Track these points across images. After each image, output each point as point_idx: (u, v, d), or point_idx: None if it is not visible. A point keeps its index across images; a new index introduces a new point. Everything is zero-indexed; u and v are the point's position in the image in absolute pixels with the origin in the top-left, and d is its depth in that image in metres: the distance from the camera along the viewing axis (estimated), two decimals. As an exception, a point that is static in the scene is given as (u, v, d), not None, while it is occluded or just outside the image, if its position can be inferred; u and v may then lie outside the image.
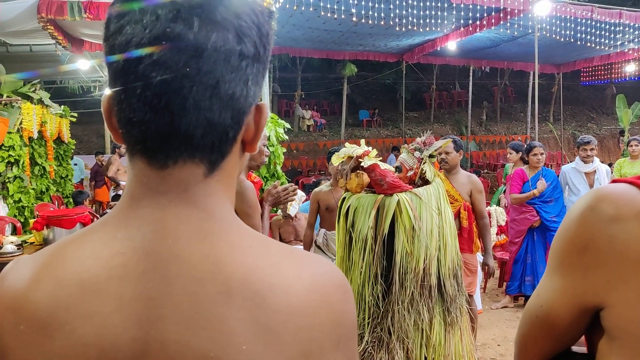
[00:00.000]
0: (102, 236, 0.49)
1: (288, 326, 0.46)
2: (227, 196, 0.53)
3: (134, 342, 0.44)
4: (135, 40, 0.47)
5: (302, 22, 8.78)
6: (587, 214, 0.68)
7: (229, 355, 0.44)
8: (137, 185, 0.51)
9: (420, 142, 2.90)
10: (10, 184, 5.92)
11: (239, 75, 0.49)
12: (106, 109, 0.52)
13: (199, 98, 0.47)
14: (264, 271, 0.48)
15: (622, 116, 12.65)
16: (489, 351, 3.72)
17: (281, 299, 0.47)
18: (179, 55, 0.46)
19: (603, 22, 9.03)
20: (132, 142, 0.50)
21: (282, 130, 5.68)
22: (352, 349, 0.53)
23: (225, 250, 0.48)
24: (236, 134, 0.52)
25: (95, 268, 0.47)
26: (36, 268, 0.49)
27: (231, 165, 0.53)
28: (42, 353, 0.45)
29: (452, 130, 16.47)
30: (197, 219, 0.49)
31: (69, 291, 0.46)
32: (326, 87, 18.99)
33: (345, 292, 0.52)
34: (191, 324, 0.44)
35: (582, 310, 0.70)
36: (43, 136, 6.69)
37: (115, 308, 0.45)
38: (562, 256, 0.72)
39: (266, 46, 0.52)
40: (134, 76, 0.47)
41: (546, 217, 4.62)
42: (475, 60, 13.04)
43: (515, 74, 17.34)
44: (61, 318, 0.45)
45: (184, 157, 0.49)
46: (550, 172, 4.76)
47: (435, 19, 8.62)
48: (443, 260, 2.66)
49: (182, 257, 0.47)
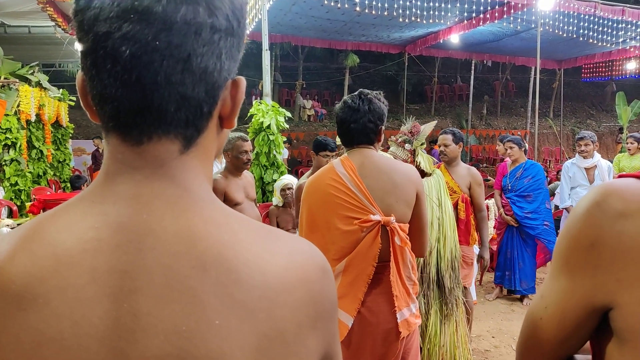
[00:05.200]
0: (78, 211, 0.49)
1: (263, 303, 0.46)
2: (203, 173, 0.53)
3: (107, 314, 0.44)
4: (104, 14, 0.46)
5: (305, 10, 8.71)
6: (593, 210, 0.65)
7: (201, 330, 0.44)
8: (112, 162, 0.50)
9: (407, 132, 2.80)
10: (7, 166, 5.90)
11: (212, 48, 0.49)
12: (81, 87, 0.52)
13: (170, 72, 0.47)
14: (240, 247, 0.47)
15: (622, 114, 12.64)
16: (483, 343, 3.75)
17: (257, 275, 0.46)
18: (147, 29, 0.45)
19: (606, 19, 9.00)
20: (105, 118, 0.50)
21: (282, 119, 5.66)
22: (330, 329, 0.53)
23: (201, 226, 0.47)
24: (211, 108, 0.51)
25: (69, 242, 0.46)
26: (13, 242, 0.48)
27: (208, 141, 0.53)
28: (15, 326, 0.44)
29: (453, 124, 16.45)
30: (172, 194, 0.49)
31: (43, 264, 0.46)
32: (328, 77, 18.91)
33: (325, 272, 0.52)
34: (164, 297, 0.44)
35: (591, 311, 0.67)
36: (41, 119, 6.66)
37: (88, 281, 0.45)
38: (568, 255, 0.69)
39: (240, 20, 0.51)
40: (103, 51, 0.46)
41: (519, 212, 4.50)
42: (477, 53, 13.00)
43: (516, 69, 17.30)
44: (35, 291, 0.45)
45: (159, 132, 0.49)
46: (535, 166, 4.60)
47: (439, 11, 8.58)
48: (442, 252, 2.66)
49: (156, 231, 0.47)
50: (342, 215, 1.79)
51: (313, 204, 1.85)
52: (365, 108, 1.87)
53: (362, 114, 1.87)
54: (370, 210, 1.79)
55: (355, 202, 1.80)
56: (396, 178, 1.84)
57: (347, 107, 1.89)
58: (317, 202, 1.84)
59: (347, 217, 1.79)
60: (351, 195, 1.80)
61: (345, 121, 1.90)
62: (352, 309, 1.77)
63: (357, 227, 1.77)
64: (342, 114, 1.91)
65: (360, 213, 1.79)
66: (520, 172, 4.56)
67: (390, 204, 1.83)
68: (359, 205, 1.79)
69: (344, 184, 1.81)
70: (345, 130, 1.92)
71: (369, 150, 1.91)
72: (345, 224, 1.78)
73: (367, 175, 1.82)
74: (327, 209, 1.81)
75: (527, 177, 4.54)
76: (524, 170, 4.55)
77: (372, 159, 1.87)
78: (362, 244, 1.78)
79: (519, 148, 4.59)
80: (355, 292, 1.77)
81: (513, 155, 4.59)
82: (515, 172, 4.58)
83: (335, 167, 1.86)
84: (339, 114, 1.94)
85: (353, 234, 1.78)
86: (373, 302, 1.80)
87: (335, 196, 1.80)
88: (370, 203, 1.80)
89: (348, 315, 1.76)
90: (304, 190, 1.90)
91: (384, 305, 1.81)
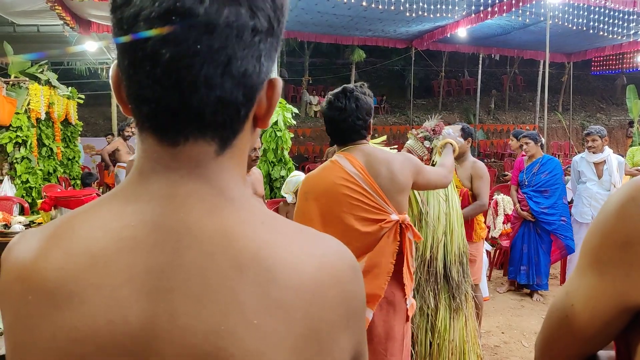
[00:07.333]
0: (111, 209, 0.49)
1: (299, 303, 0.46)
2: (238, 173, 0.52)
3: (143, 314, 0.44)
4: (145, 14, 0.44)
5: (311, 6, 8.68)
6: (628, 205, 0.62)
7: (239, 330, 0.43)
8: (147, 161, 0.50)
9: (429, 129, 2.77)
10: (18, 164, 5.96)
11: (252, 51, 0.47)
12: (115, 81, 0.51)
13: (210, 76, 0.46)
14: (275, 247, 0.47)
15: (632, 107, 12.47)
16: (492, 338, 3.74)
17: (292, 276, 0.46)
18: (189, 32, 0.44)
19: (617, 11, 8.85)
20: (141, 118, 0.49)
21: (289, 115, 5.66)
22: (360, 327, 0.53)
23: (237, 226, 0.47)
24: (248, 111, 0.50)
25: (104, 240, 0.46)
26: (44, 240, 0.48)
27: (243, 142, 0.52)
28: (50, 324, 0.44)
29: (460, 119, 16.35)
30: (208, 194, 0.49)
31: (78, 262, 0.45)
32: (334, 72, 18.86)
33: (355, 272, 0.52)
34: (202, 297, 0.44)
35: (622, 310, 0.64)
36: (50, 117, 6.71)
37: (124, 280, 0.45)
38: (599, 252, 0.65)
39: (280, 19, 0.50)
40: (142, 52, 0.45)
41: (535, 207, 4.47)
42: (485, 47, 12.87)
43: (524, 63, 17.12)
44: (70, 289, 0.44)
45: (195, 134, 0.48)
46: (552, 161, 4.57)
47: (446, 4, 8.51)
48: (449, 246, 2.65)
49: (193, 231, 0.46)
50: (360, 217, 1.81)
51: (324, 204, 1.85)
52: (353, 106, 1.85)
53: (349, 112, 1.85)
54: (386, 210, 1.83)
55: (372, 203, 1.82)
56: (395, 169, 1.88)
57: (334, 107, 1.87)
58: (328, 203, 1.84)
59: (365, 219, 1.81)
60: (367, 196, 1.82)
61: (334, 120, 1.89)
62: (373, 304, 1.84)
63: (376, 228, 1.81)
64: (329, 113, 1.89)
65: (378, 213, 1.82)
66: (537, 167, 4.53)
67: (399, 200, 1.88)
68: (376, 205, 1.82)
69: (358, 184, 1.82)
70: (336, 130, 1.91)
71: (366, 146, 1.92)
72: (364, 225, 1.81)
73: (377, 174, 1.84)
74: (342, 211, 1.82)
75: (544, 172, 4.51)
76: (541, 166, 4.52)
77: (374, 156, 1.89)
78: (383, 243, 1.82)
79: (535, 143, 4.55)
80: (376, 289, 1.83)
81: (529, 150, 4.56)
82: (532, 168, 4.55)
83: (343, 166, 1.86)
84: (326, 113, 1.91)
85: (372, 234, 1.82)
86: (389, 292, 1.89)
87: (350, 197, 1.82)
88: (386, 203, 1.83)
89: (369, 309, 1.84)
90: (309, 189, 1.89)
91: (398, 294, 1.91)
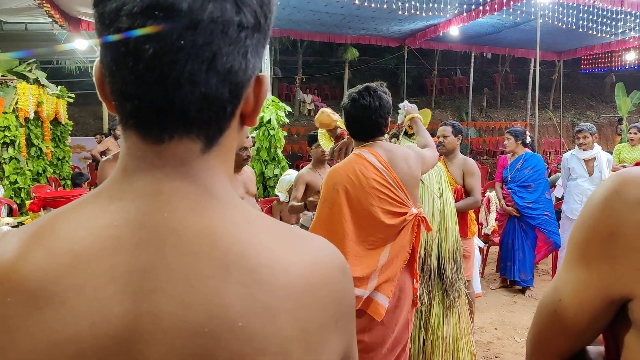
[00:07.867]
0: (95, 208, 0.47)
1: (286, 304, 0.45)
2: (225, 172, 0.51)
3: (127, 314, 0.43)
4: (127, 8, 0.43)
5: (303, 4, 8.65)
6: (611, 198, 0.63)
7: (224, 331, 0.42)
8: (131, 159, 0.48)
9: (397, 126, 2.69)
10: (6, 165, 5.88)
11: (238, 47, 0.46)
12: (98, 77, 0.50)
13: (195, 72, 0.44)
14: (262, 248, 0.46)
15: (621, 104, 12.61)
16: (485, 334, 3.76)
17: (280, 277, 0.45)
18: (172, 27, 0.43)
19: (605, 10, 8.93)
20: (125, 115, 0.48)
21: (283, 114, 5.64)
22: (350, 329, 0.52)
23: (222, 225, 0.46)
24: (234, 108, 0.49)
25: (87, 239, 0.45)
26: (25, 239, 0.46)
27: (230, 140, 0.51)
28: (30, 326, 0.42)
29: (453, 117, 16.43)
30: (194, 193, 0.47)
31: (60, 262, 0.44)
32: (327, 71, 18.84)
33: (345, 272, 0.51)
34: (186, 297, 0.43)
35: (609, 303, 0.65)
36: (39, 117, 6.63)
37: (107, 280, 0.43)
38: (584, 246, 0.66)
39: (267, 15, 0.49)
40: (125, 48, 0.44)
41: (520, 202, 4.58)
42: (477, 46, 12.93)
43: (516, 61, 17.23)
44: (51, 289, 0.43)
45: (180, 132, 0.47)
46: (535, 157, 4.67)
47: (439, 3, 8.52)
48: (443, 243, 2.66)
49: (177, 230, 0.45)
50: (385, 210, 1.94)
51: (353, 196, 1.93)
52: (376, 104, 1.97)
53: (373, 110, 1.97)
54: (407, 204, 1.97)
55: (396, 197, 1.95)
56: (412, 165, 2.02)
57: (359, 104, 1.98)
58: (357, 195, 1.93)
59: (390, 212, 1.94)
60: (392, 190, 1.94)
61: (358, 118, 2.01)
62: (389, 291, 1.94)
63: (399, 221, 1.94)
64: (354, 111, 2.00)
65: (401, 207, 1.96)
66: (521, 163, 4.64)
67: (415, 194, 2.03)
68: (400, 199, 1.95)
69: (384, 178, 1.95)
70: (359, 127, 2.04)
71: (385, 142, 2.05)
72: (388, 218, 1.94)
73: (399, 170, 1.98)
74: (370, 203, 1.93)
75: (527, 167, 4.61)
76: (524, 162, 4.63)
77: (394, 152, 2.02)
78: (403, 234, 1.96)
79: (515, 140, 4.65)
80: (393, 276, 1.96)
81: (509, 146, 4.69)
82: (516, 164, 4.65)
83: (372, 162, 1.95)
84: (350, 111, 2.01)
85: (395, 227, 1.95)
86: (401, 280, 2.01)
87: (378, 190, 1.93)
88: (407, 197, 1.97)
89: (385, 297, 1.93)
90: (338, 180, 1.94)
91: (408, 282, 2.04)
